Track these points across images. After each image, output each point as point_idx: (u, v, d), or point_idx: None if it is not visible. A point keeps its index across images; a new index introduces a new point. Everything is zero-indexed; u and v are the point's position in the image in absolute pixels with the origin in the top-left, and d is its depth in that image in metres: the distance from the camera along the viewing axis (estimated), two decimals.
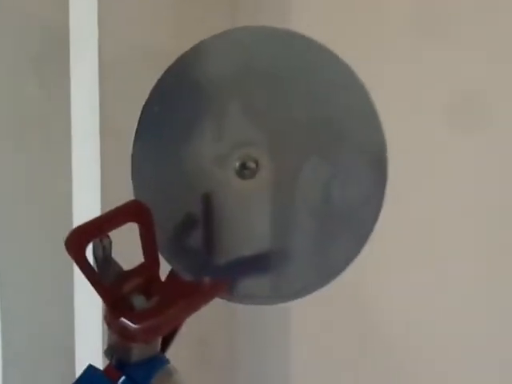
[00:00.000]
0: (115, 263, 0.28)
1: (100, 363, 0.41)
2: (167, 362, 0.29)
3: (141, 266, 0.28)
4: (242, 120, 0.26)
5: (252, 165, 0.25)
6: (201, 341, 0.92)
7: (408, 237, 1.11)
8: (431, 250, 1.09)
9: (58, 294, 1.21)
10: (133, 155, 0.30)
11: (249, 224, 0.28)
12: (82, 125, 1.10)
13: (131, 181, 0.31)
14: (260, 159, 0.26)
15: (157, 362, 0.28)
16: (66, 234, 1.14)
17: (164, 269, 0.36)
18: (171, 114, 0.28)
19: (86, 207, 1.08)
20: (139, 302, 0.27)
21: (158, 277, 0.28)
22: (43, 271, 1.22)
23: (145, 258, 0.27)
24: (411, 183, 1.13)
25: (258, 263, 0.28)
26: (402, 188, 1.10)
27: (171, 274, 0.28)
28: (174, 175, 0.27)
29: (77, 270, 1.14)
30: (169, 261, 0.28)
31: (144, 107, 0.30)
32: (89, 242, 0.26)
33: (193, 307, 0.27)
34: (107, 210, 1.04)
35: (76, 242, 0.24)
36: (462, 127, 1.07)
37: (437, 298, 1.07)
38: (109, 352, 0.30)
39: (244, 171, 0.26)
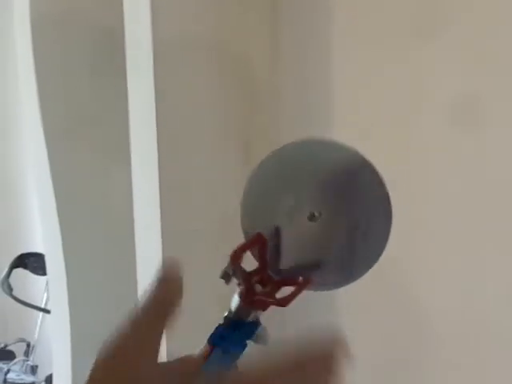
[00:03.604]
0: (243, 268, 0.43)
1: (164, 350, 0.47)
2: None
3: (257, 268, 0.44)
4: (310, 195, 0.44)
5: (317, 214, 0.43)
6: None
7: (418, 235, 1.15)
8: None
9: (122, 285, 1.27)
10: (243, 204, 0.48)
11: (307, 245, 0.44)
12: (140, 120, 1.14)
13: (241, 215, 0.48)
14: (322, 211, 0.43)
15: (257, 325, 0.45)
16: (127, 230, 1.18)
17: None
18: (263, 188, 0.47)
19: (146, 204, 1.12)
20: (259, 289, 0.43)
21: (268, 275, 0.44)
22: (108, 269, 1.28)
23: (259, 263, 0.44)
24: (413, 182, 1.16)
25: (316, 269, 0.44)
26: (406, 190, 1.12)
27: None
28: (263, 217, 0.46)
29: (139, 268, 1.17)
30: None
31: (245, 190, 0.48)
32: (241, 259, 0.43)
33: (294, 294, 0.43)
34: (165, 204, 1.09)
35: (235, 258, 0.43)
36: (462, 127, 1.08)
37: (480, 296, 1.09)
38: (230, 315, 0.44)
39: (312, 217, 0.43)
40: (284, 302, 0.41)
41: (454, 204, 1.09)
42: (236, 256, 0.42)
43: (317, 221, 0.42)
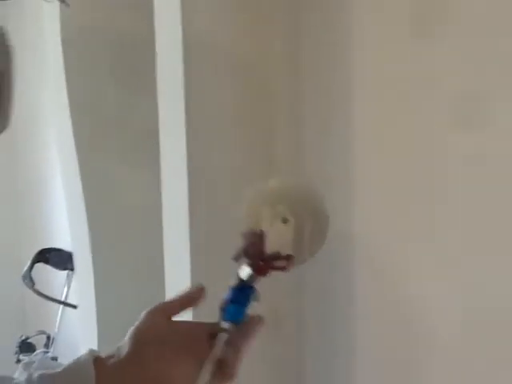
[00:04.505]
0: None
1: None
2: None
3: (258, 252, 0.68)
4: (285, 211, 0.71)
5: (288, 219, 0.69)
6: (271, 309, 0.98)
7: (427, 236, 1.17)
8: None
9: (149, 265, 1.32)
10: None
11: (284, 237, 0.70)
12: (169, 123, 1.18)
13: None
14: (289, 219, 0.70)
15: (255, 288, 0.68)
16: (154, 228, 1.22)
17: None
18: None
19: (174, 203, 1.16)
20: (261, 263, 0.68)
21: (265, 255, 0.68)
22: (135, 265, 1.33)
23: (259, 249, 0.68)
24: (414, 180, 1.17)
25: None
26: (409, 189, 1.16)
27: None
28: None
29: (167, 265, 1.20)
30: None
31: None
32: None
33: (289, 264, 0.68)
34: (194, 204, 1.12)
35: (252, 245, 0.69)
36: (462, 127, 1.09)
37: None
38: (242, 280, 0.68)
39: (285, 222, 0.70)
40: (282, 269, 0.67)
41: (455, 204, 1.11)
42: (253, 244, 0.68)
43: (287, 224, 0.70)
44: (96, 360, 0.60)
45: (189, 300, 0.67)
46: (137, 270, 1.33)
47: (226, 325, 0.64)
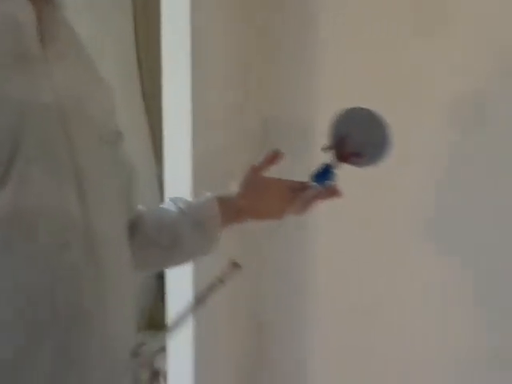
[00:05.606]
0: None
1: None
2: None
3: (340, 146, 0.94)
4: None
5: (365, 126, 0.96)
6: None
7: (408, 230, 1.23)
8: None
9: None
10: None
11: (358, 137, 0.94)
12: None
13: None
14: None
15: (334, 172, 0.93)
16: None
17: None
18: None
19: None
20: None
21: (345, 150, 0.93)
22: None
23: (339, 145, 0.93)
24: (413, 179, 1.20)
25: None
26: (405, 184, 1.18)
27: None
28: None
29: None
30: None
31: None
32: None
33: (361, 158, 0.93)
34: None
35: (338, 143, 0.93)
36: (462, 127, 1.10)
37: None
38: (328, 164, 0.93)
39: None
40: (358, 160, 0.92)
41: (454, 206, 1.18)
42: (339, 141, 0.92)
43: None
44: (217, 197, 0.89)
45: (270, 160, 0.91)
46: None
47: (313, 185, 0.91)
